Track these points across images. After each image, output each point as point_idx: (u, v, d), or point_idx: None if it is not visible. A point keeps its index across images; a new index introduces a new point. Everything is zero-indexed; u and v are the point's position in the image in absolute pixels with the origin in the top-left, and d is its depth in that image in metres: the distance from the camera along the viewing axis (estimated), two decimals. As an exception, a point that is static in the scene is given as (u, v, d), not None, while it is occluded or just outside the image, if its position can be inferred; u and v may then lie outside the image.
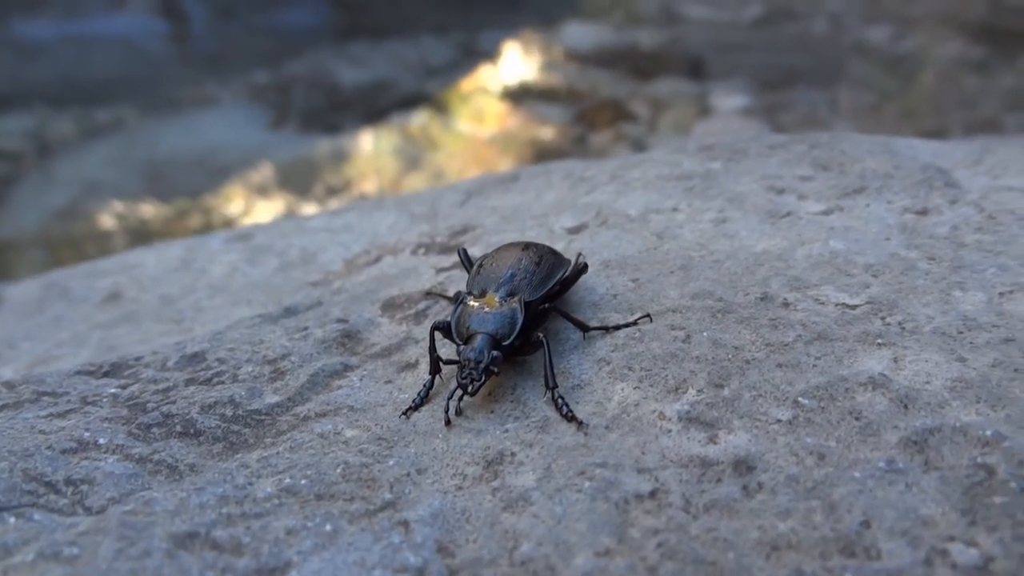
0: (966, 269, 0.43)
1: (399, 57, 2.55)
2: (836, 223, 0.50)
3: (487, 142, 2.22)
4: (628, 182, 0.60)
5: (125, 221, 1.73)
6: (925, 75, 2.39)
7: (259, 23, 2.72)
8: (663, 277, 0.46)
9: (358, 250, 0.58)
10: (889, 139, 0.66)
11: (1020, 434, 0.31)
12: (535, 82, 2.47)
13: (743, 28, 2.83)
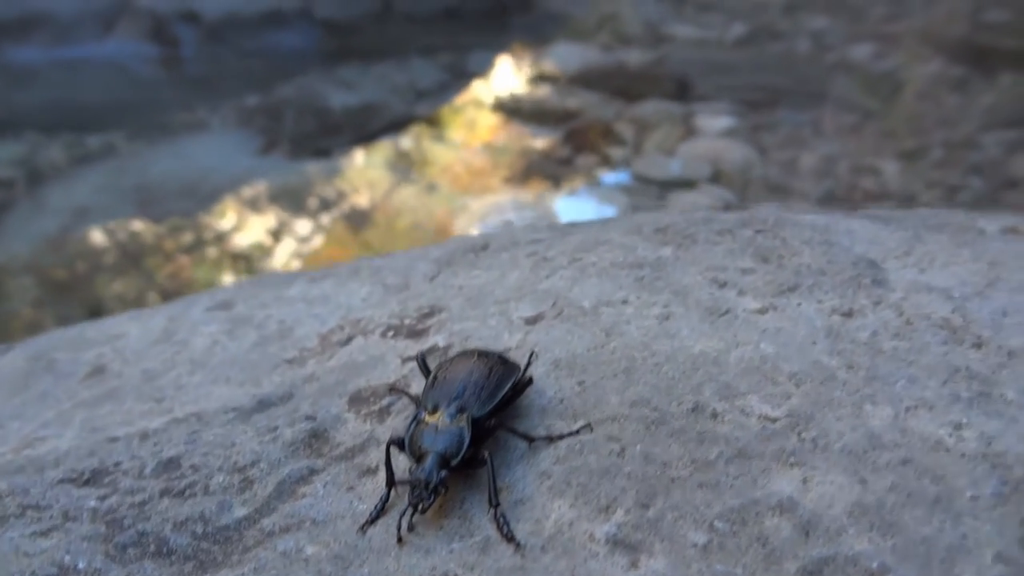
0: (879, 380, 0.46)
1: (388, 80, 2.58)
2: (769, 324, 0.53)
3: (479, 152, 2.26)
4: (585, 267, 0.63)
5: (116, 239, 1.77)
6: (906, 94, 2.42)
7: (249, 46, 2.75)
8: (607, 380, 0.49)
9: (332, 324, 0.61)
10: (829, 222, 0.69)
11: (903, 565, 0.34)
12: (523, 103, 2.50)
13: (728, 47, 2.86)
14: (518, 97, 2.48)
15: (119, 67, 2.71)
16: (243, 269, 1.94)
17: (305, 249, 2.05)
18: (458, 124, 2.43)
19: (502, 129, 2.40)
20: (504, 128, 2.40)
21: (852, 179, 1.94)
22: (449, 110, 2.47)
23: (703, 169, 1.97)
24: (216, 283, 1.70)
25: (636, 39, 2.97)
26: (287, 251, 2.09)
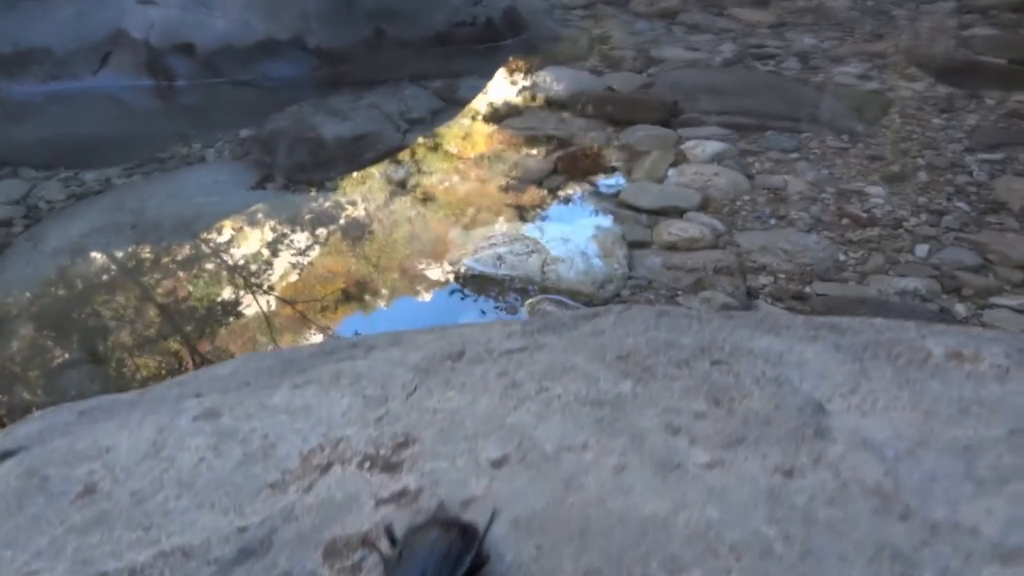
0: (813, 556, 0.48)
1: (380, 108, 2.61)
2: (716, 481, 0.55)
3: (475, 162, 2.29)
4: (550, 401, 0.65)
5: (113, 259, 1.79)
6: (892, 115, 2.46)
7: (243, 76, 2.77)
8: (563, 544, 0.51)
9: (313, 444, 0.63)
10: (783, 350, 0.71)
11: None
12: (514, 129, 2.53)
13: (717, 69, 2.90)
14: (509, 125, 2.51)
15: (115, 100, 2.74)
16: (242, 284, 1.96)
17: (303, 261, 2.07)
18: (454, 135, 2.46)
19: (497, 137, 2.43)
20: (499, 136, 2.43)
21: (838, 204, 1.96)
22: (444, 130, 2.51)
23: (692, 197, 2.00)
24: (215, 297, 1.72)
25: (626, 62, 3.00)
26: (285, 263, 2.11)
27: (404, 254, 1.82)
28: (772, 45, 3.13)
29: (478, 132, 2.46)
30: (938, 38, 3.16)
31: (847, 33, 3.26)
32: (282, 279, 1.83)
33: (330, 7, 2.84)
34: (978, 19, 3.40)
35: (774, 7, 3.65)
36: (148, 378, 1.46)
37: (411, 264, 1.79)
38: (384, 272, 2.02)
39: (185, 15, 2.73)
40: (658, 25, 3.47)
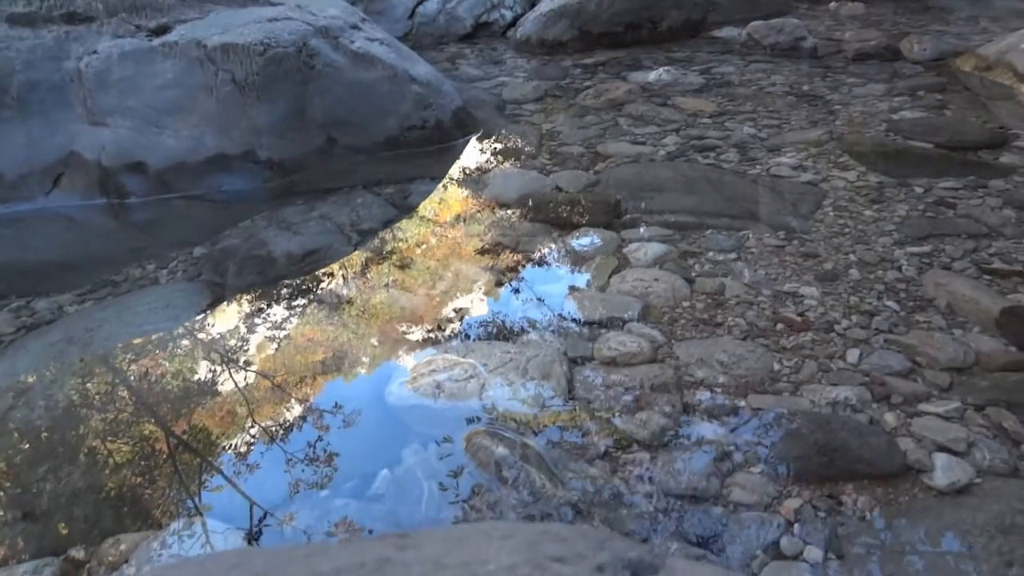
0: None
1: (331, 219, 2.66)
2: None
3: (420, 275, 2.32)
4: None
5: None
6: (825, 209, 2.55)
7: (196, 192, 2.82)
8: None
9: None
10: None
11: None
12: (461, 239, 2.59)
13: (660, 164, 2.99)
14: (457, 233, 2.56)
15: (67, 220, 2.76)
16: (218, 360, 1.96)
17: (281, 334, 2.08)
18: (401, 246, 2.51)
19: (444, 249, 2.48)
20: (446, 248, 2.48)
21: (774, 308, 2.02)
22: (392, 241, 2.56)
23: (633, 306, 2.05)
24: (190, 373, 1.71)
25: (573, 159, 3.10)
26: (262, 335, 2.11)
27: (339, 385, 1.84)
28: (713, 136, 3.25)
29: (425, 242, 2.51)
30: (869, 123, 3.30)
31: (784, 121, 3.40)
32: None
33: (281, 120, 2.91)
34: (906, 101, 3.57)
35: (715, 95, 3.81)
36: (89, 536, 1.44)
37: (346, 396, 1.80)
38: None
39: (136, 135, 2.79)
40: (605, 117, 3.59)
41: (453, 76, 4.44)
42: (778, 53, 4.48)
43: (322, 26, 3.00)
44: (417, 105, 3.17)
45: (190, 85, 2.81)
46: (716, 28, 5.22)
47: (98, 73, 2.77)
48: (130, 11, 2.83)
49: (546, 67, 4.50)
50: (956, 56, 4.18)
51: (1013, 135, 3.08)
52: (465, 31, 5.31)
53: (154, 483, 1.56)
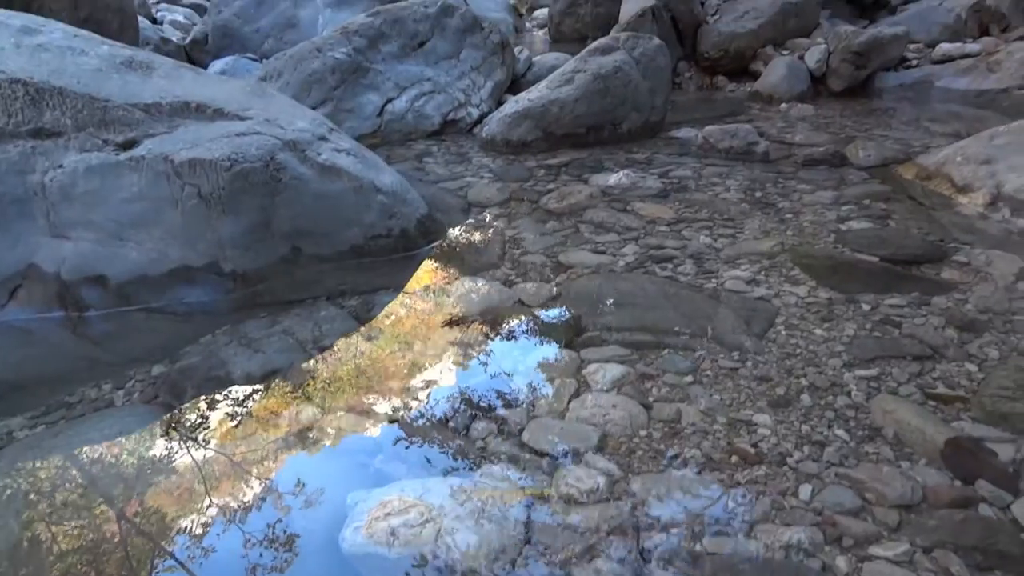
0: None
1: (293, 334, 2.66)
2: None
3: (379, 400, 2.32)
4: None
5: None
6: (777, 327, 2.63)
7: (157, 305, 2.80)
8: None
9: None
10: None
11: None
12: (423, 359, 2.60)
13: (619, 276, 3.07)
14: (419, 352, 2.58)
15: (23, 333, 2.72)
16: (157, 505, 1.90)
17: (233, 470, 2.03)
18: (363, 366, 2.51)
19: (406, 370, 2.48)
20: (407, 369, 2.48)
21: (729, 438, 2.05)
22: (354, 358, 2.57)
23: (591, 436, 2.07)
24: (126, 514, 1.65)
25: (536, 270, 3.16)
26: (212, 470, 2.05)
27: (293, 528, 1.81)
28: (671, 246, 3.35)
29: (385, 362, 2.52)
30: (819, 234, 3.44)
31: (738, 229, 3.53)
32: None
33: (246, 232, 2.94)
34: (854, 210, 3.74)
35: (673, 200, 3.95)
36: None
37: (299, 544, 1.77)
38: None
39: (99, 248, 2.79)
40: (567, 223, 3.69)
41: (420, 176, 4.55)
42: (732, 156, 4.68)
43: (290, 139, 3.07)
44: (382, 214, 3.23)
45: (156, 198, 2.84)
46: (674, 128, 5.44)
47: (63, 187, 2.79)
48: (98, 126, 2.88)
49: (511, 167, 4.63)
50: (899, 163, 4.41)
51: (952, 248, 3.23)
52: (433, 128, 5.46)
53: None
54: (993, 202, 3.59)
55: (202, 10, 12.95)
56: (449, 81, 5.54)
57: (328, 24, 6.37)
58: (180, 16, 7.86)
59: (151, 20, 7.33)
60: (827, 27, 6.95)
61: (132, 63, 3.20)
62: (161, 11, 8.05)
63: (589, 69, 4.96)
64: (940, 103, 6.41)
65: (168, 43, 6.08)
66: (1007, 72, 6.26)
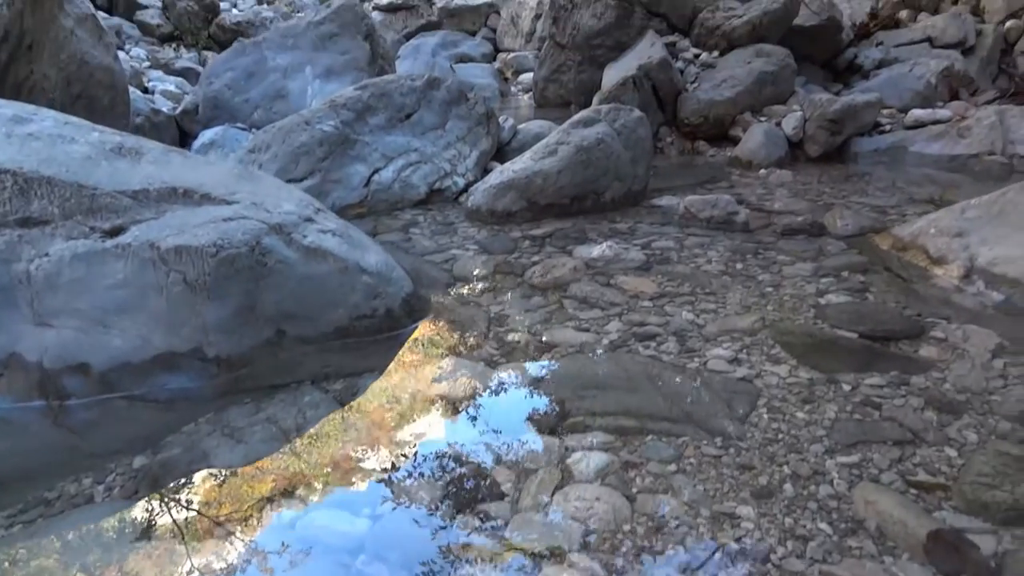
0: None
1: (277, 423, 2.65)
2: None
3: (360, 495, 2.30)
4: None
5: None
6: (759, 411, 2.65)
7: (140, 392, 2.79)
8: None
9: None
10: None
11: None
12: (406, 448, 2.60)
13: (603, 357, 3.09)
14: (402, 440, 2.57)
15: (2, 424, 2.69)
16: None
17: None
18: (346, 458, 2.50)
19: (388, 460, 2.47)
20: (390, 459, 2.47)
21: (712, 531, 2.05)
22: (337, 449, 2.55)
23: (575, 532, 2.06)
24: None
25: (520, 349, 3.18)
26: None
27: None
28: (653, 322, 3.39)
29: (369, 451, 2.51)
30: (799, 309, 3.49)
31: (720, 304, 3.57)
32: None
33: (231, 316, 2.95)
34: (833, 283, 3.80)
35: (656, 273, 4.01)
36: None
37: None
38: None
39: (82, 336, 2.79)
40: (552, 299, 3.73)
41: (406, 248, 4.60)
42: (713, 226, 4.77)
43: (276, 223, 3.11)
44: (367, 295, 3.26)
45: (141, 285, 2.85)
46: (656, 196, 5.55)
47: (48, 275, 2.80)
48: (86, 213, 2.91)
49: (496, 238, 4.69)
50: (876, 232, 4.51)
51: (930, 323, 3.28)
52: (419, 197, 5.54)
53: None
54: (967, 275, 3.66)
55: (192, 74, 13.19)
56: (435, 151, 5.65)
57: (317, 95, 6.51)
58: (171, 85, 8.01)
59: (143, 90, 7.46)
60: (802, 94, 7.17)
61: (121, 149, 3.25)
62: (153, 81, 8.21)
63: (572, 141, 5.07)
64: (914, 167, 6.59)
65: (159, 114, 6.18)
66: (976, 138, 6.46)
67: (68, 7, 4.96)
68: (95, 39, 5.16)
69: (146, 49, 14.52)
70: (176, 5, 15.44)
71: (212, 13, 15.84)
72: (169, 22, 15.75)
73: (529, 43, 13.38)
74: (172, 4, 15.56)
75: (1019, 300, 3.41)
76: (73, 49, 4.94)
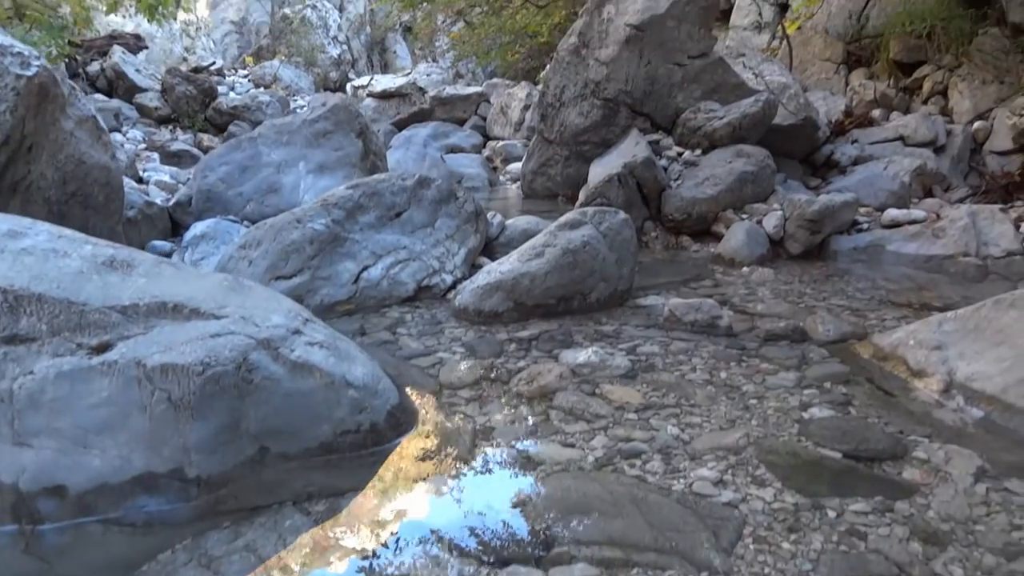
0: None
1: (258, 551, 2.60)
2: None
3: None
4: None
5: None
6: (745, 541, 2.63)
7: (116, 515, 2.74)
8: None
9: None
10: None
11: None
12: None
13: (588, 475, 3.08)
14: (383, 573, 2.53)
15: (-28, 548, 2.62)
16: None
17: None
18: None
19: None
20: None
21: None
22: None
23: None
24: None
25: (505, 466, 3.16)
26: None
27: None
28: (639, 438, 3.39)
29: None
30: (783, 424, 3.51)
31: (705, 418, 3.59)
32: None
33: (214, 435, 2.93)
34: (815, 395, 3.84)
35: (641, 383, 4.03)
36: None
37: None
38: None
39: (61, 456, 2.75)
40: (537, 409, 3.73)
41: (393, 350, 4.61)
42: (697, 330, 4.83)
43: (264, 338, 3.13)
44: (352, 410, 3.25)
45: (124, 403, 2.84)
46: (642, 295, 5.63)
47: (31, 394, 2.79)
48: (74, 330, 2.92)
49: (483, 341, 4.72)
50: (857, 338, 4.58)
51: (912, 442, 3.31)
52: (407, 294, 5.59)
53: None
54: (947, 389, 3.71)
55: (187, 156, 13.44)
56: (424, 249, 5.74)
57: (309, 189, 6.65)
58: (166, 175, 8.15)
59: (137, 179, 7.60)
60: (782, 193, 7.40)
61: (113, 262, 3.30)
62: (148, 171, 8.36)
63: (559, 243, 5.18)
64: (892, 266, 6.75)
65: (152, 206, 6.28)
66: (951, 239, 6.65)
67: (70, 110, 5.10)
68: (94, 139, 5.28)
69: (143, 131, 14.85)
70: (175, 89, 15.89)
71: (210, 97, 16.30)
72: (167, 105, 16.16)
73: (518, 132, 13.81)
74: (171, 88, 16.02)
75: (998, 418, 3.45)
76: (72, 150, 5.06)
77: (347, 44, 30.04)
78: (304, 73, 25.17)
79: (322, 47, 27.47)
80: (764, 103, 7.91)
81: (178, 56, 24.76)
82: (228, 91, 19.40)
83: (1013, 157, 9.38)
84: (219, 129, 15.74)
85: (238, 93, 19.08)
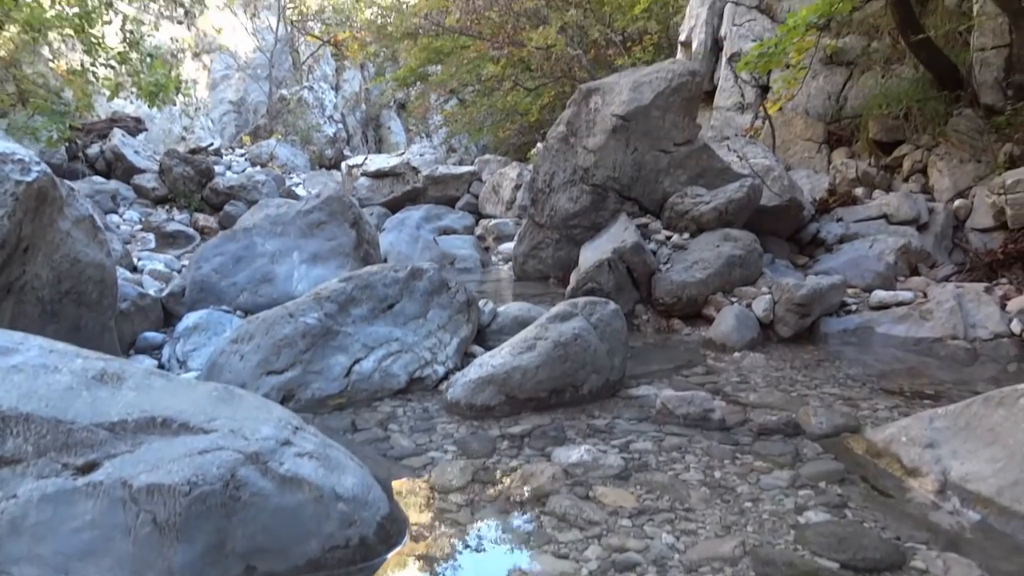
0: None
1: None
2: None
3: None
4: None
5: None
6: (744, 667, 2.56)
7: (95, 648, 2.64)
8: None
9: None
10: None
11: None
12: None
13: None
14: None
15: None
16: None
17: None
18: None
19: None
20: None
21: None
22: None
23: None
24: None
25: None
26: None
27: None
28: (633, 547, 3.33)
29: None
30: (778, 530, 3.47)
31: (700, 524, 3.54)
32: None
33: (199, 557, 2.87)
34: (811, 496, 3.80)
35: (634, 484, 3.99)
36: None
37: None
38: None
39: None
40: (530, 515, 3.68)
41: (384, 449, 4.57)
42: (690, 423, 4.82)
43: (253, 452, 3.11)
44: (342, 524, 3.20)
45: (108, 526, 2.79)
46: (634, 384, 5.63)
47: (13, 519, 2.74)
48: (60, 449, 2.89)
49: (474, 437, 4.69)
50: (850, 432, 4.58)
51: (910, 549, 3.26)
52: (399, 386, 5.58)
53: None
54: (942, 489, 3.69)
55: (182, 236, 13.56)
56: (416, 340, 5.76)
57: (303, 279, 6.71)
58: (160, 264, 8.22)
59: (131, 269, 7.65)
60: (770, 276, 7.50)
61: (104, 376, 3.30)
62: (142, 259, 8.44)
63: (550, 336, 5.21)
64: (882, 348, 6.79)
65: (145, 297, 6.30)
66: (939, 321, 6.72)
67: (67, 210, 5.19)
68: (89, 238, 5.35)
69: (140, 211, 15.04)
70: (172, 170, 16.18)
71: (207, 177, 16.58)
72: (164, 185, 16.42)
73: (509, 210, 14.05)
74: (168, 169, 16.31)
75: (995, 522, 3.42)
76: (67, 249, 5.12)
77: (342, 122, 30.82)
78: (300, 151, 25.72)
79: (318, 126, 28.15)
80: (749, 188, 8.10)
81: (177, 136, 25.29)
82: (225, 170, 19.75)
83: (994, 234, 9.56)
84: (215, 208, 15.96)
85: (235, 172, 19.44)
